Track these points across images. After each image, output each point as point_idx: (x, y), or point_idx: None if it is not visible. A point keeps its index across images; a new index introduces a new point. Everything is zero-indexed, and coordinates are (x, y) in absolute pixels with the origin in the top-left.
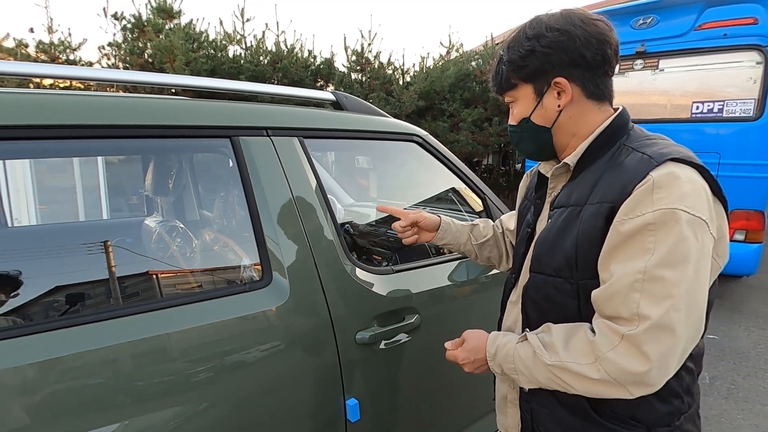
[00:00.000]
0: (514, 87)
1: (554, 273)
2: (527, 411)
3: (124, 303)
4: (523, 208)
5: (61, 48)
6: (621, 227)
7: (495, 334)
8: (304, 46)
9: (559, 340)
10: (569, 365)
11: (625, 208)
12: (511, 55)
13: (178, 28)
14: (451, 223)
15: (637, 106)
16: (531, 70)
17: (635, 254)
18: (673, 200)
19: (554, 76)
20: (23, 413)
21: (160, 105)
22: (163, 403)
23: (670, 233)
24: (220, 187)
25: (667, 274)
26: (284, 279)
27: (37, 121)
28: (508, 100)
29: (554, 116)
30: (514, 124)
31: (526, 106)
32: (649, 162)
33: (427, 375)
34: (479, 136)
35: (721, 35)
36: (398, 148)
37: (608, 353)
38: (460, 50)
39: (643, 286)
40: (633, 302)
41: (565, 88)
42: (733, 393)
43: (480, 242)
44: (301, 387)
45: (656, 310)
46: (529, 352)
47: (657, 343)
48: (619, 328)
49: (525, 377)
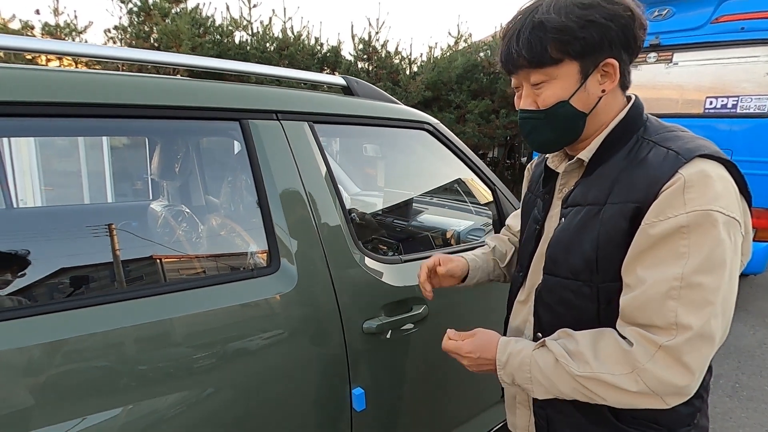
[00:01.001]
0: (555, 63)
1: (572, 276)
2: (542, 417)
3: (130, 286)
4: (528, 201)
5: (66, 30)
6: (651, 230)
7: (506, 339)
8: (311, 34)
9: (587, 348)
10: (603, 377)
11: (654, 210)
12: (564, 22)
13: (185, 12)
14: (476, 258)
15: (649, 100)
16: (587, 45)
17: (667, 259)
18: (706, 201)
19: (606, 56)
20: (28, 394)
21: (168, 85)
22: (167, 388)
23: (706, 236)
24: (228, 172)
25: (706, 281)
26: (292, 266)
27: (41, 98)
28: (539, 80)
29: (594, 102)
30: (540, 108)
31: (565, 88)
32: (676, 159)
33: (433, 365)
34: (486, 128)
35: (738, 29)
36: (408, 136)
37: (647, 364)
38: (468, 41)
39: (680, 293)
40: (670, 311)
41: (615, 71)
42: (737, 392)
43: (507, 262)
44: (306, 375)
45: (696, 320)
46: (549, 361)
47: (697, 354)
48: (655, 338)
49: (542, 388)
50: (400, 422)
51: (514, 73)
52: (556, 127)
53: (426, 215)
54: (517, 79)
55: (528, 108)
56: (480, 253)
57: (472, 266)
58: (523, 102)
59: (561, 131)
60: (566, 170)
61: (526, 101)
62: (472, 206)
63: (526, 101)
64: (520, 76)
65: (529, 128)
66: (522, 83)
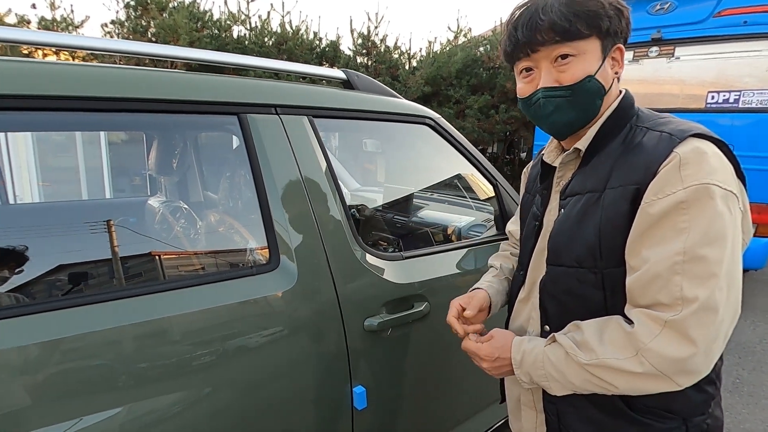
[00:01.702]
0: (585, 37)
1: (576, 264)
2: (553, 413)
3: (129, 284)
4: (526, 201)
5: (63, 25)
6: (650, 209)
7: (519, 339)
8: (310, 28)
9: (592, 336)
10: (608, 361)
11: (652, 189)
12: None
13: (182, 6)
14: (492, 284)
15: (650, 95)
16: (611, 25)
17: (669, 236)
18: (703, 175)
19: (619, 41)
20: (25, 394)
21: (164, 78)
22: (167, 387)
23: (704, 210)
24: (227, 167)
25: (709, 253)
26: (292, 263)
27: (37, 91)
28: (568, 52)
29: (611, 82)
30: (565, 84)
31: (591, 63)
32: (670, 139)
33: (434, 363)
34: (485, 123)
35: (740, 23)
36: (409, 131)
37: (650, 343)
38: (468, 35)
39: (684, 267)
40: (675, 286)
41: (621, 58)
42: (738, 387)
43: None
44: (307, 373)
45: (702, 291)
46: (560, 355)
47: (703, 327)
48: (660, 315)
49: (558, 383)
50: (401, 421)
51: (535, 51)
52: (580, 104)
53: (427, 211)
54: (533, 60)
55: (551, 85)
56: (491, 277)
57: (492, 293)
58: (544, 80)
59: (582, 109)
60: (563, 162)
61: (547, 79)
62: (473, 202)
63: (548, 79)
64: (540, 54)
65: (552, 107)
66: (540, 63)
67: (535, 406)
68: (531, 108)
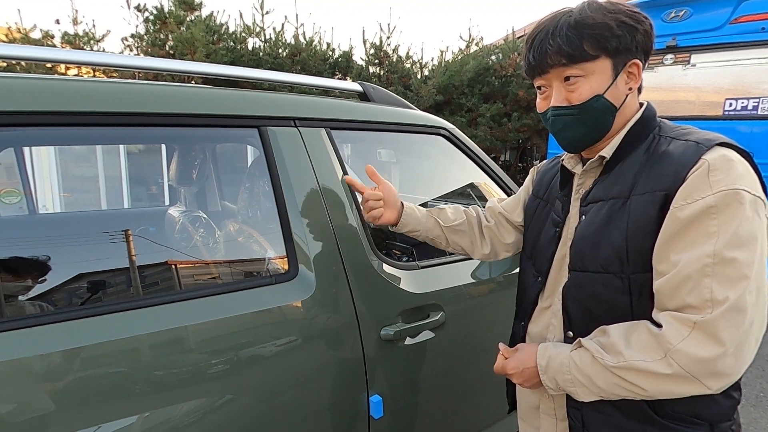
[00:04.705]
0: (592, 59)
1: (601, 269)
2: (577, 419)
3: (151, 293)
4: (535, 206)
5: (85, 39)
6: (680, 213)
7: (544, 345)
8: (323, 39)
9: (619, 339)
10: (636, 364)
11: (682, 194)
12: (603, 20)
13: (199, 20)
14: (414, 208)
15: (666, 102)
16: (621, 43)
17: (698, 240)
18: (732, 181)
19: (633, 57)
20: (47, 401)
21: (189, 93)
22: (186, 395)
23: (734, 214)
24: (246, 178)
25: (739, 255)
26: (310, 272)
27: (66, 107)
28: (575, 74)
29: (623, 98)
30: (574, 103)
31: (600, 83)
32: (697, 147)
33: (450, 373)
34: (498, 131)
35: (758, 29)
36: (424, 141)
37: (679, 344)
38: (480, 44)
39: (714, 270)
40: (705, 288)
41: (639, 72)
42: (762, 401)
43: (450, 226)
44: (324, 382)
45: (733, 293)
46: (587, 359)
47: (732, 328)
48: (689, 317)
49: (584, 388)
50: (417, 430)
51: (545, 72)
52: (589, 122)
53: None
54: (546, 79)
55: (560, 104)
56: (423, 209)
57: (406, 212)
58: (555, 99)
59: (593, 126)
60: (586, 169)
61: (557, 98)
62: None
63: (558, 98)
64: (551, 75)
65: (561, 125)
66: (551, 82)
67: (556, 413)
68: (546, 123)
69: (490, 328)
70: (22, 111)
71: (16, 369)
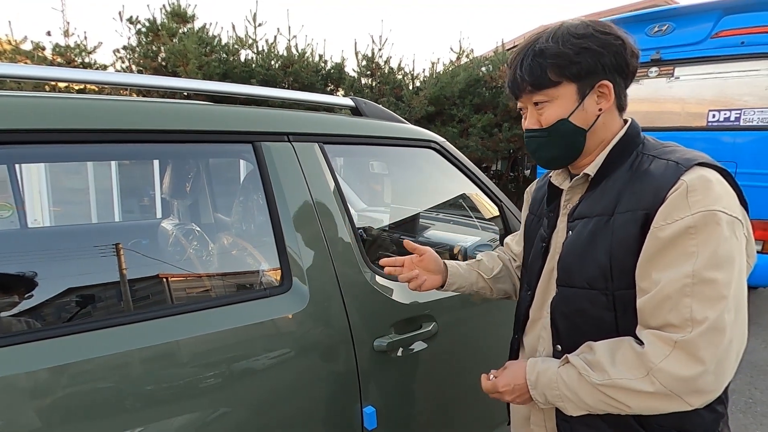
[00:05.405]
0: (555, 85)
1: (587, 285)
2: (566, 431)
3: (143, 307)
4: (531, 222)
5: (76, 51)
6: (660, 233)
7: (533, 360)
8: (315, 51)
9: (604, 356)
10: (620, 382)
11: (661, 214)
12: (561, 49)
13: (192, 32)
14: (457, 266)
15: (652, 113)
16: (582, 68)
17: (678, 259)
18: (709, 202)
19: (601, 78)
20: (36, 418)
21: (185, 110)
22: (179, 409)
23: (712, 235)
24: (240, 191)
25: (717, 276)
26: (304, 285)
27: (65, 125)
28: (541, 100)
29: (593, 119)
30: (543, 126)
31: (564, 107)
32: (676, 167)
33: (444, 383)
34: (489, 141)
35: (738, 43)
36: (415, 154)
37: (661, 363)
38: (470, 56)
39: (694, 290)
40: (685, 307)
41: (609, 92)
42: (751, 407)
43: (493, 276)
44: (318, 393)
45: (712, 312)
46: (573, 376)
47: (712, 347)
48: (670, 336)
49: (572, 403)
50: None
51: (519, 96)
52: (559, 144)
53: (433, 231)
54: (523, 102)
55: (532, 127)
56: (464, 263)
57: (451, 272)
58: (528, 122)
59: (563, 147)
60: (572, 186)
61: (530, 121)
62: (478, 222)
63: (531, 121)
64: (525, 99)
65: (535, 146)
66: (527, 105)
67: (546, 425)
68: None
69: (482, 338)
70: (14, 129)
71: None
